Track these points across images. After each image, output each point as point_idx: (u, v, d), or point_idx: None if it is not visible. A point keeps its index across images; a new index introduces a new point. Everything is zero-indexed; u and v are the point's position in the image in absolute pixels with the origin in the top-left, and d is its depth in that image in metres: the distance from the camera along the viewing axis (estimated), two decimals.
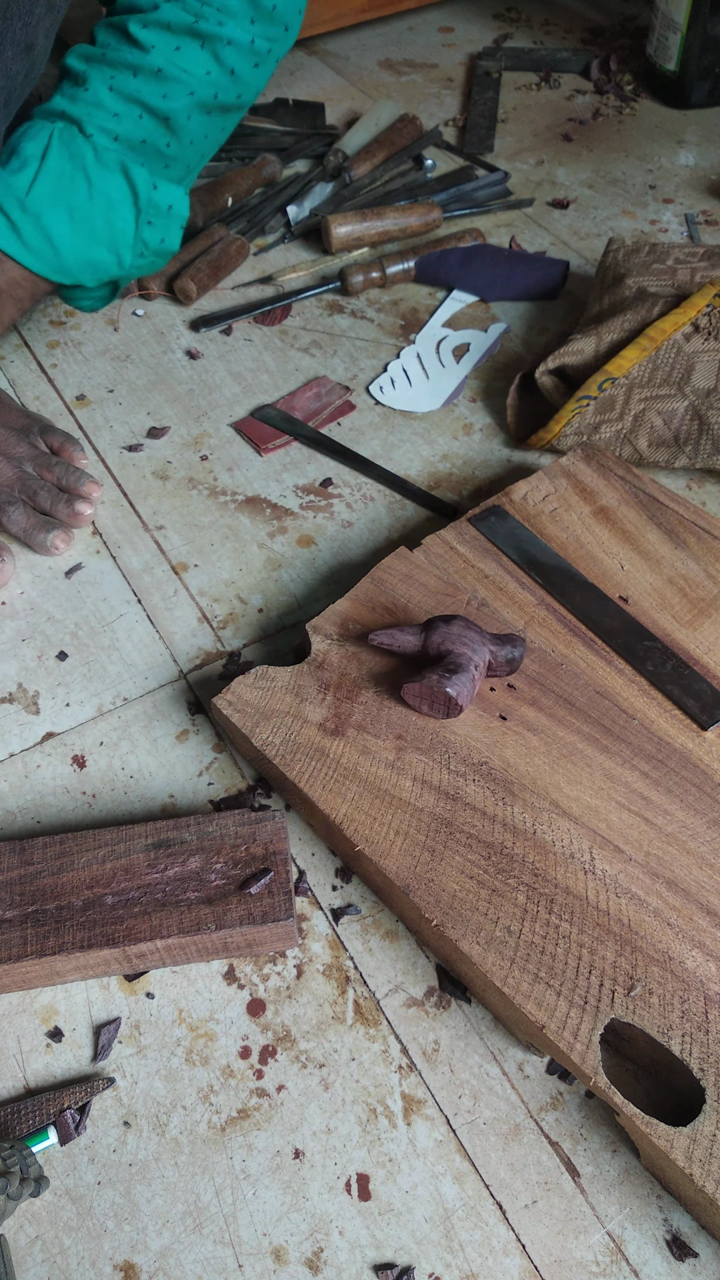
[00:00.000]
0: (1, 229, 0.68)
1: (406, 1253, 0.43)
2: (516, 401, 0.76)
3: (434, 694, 0.52)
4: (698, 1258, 0.42)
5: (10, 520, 0.68)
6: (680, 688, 0.55)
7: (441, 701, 0.52)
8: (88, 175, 0.69)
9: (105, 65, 0.70)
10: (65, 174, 0.68)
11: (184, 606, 0.66)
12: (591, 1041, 0.43)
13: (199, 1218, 0.43)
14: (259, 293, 0.90)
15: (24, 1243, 0.43)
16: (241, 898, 0.48)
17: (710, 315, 0.71)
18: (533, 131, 1.10)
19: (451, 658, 0.53)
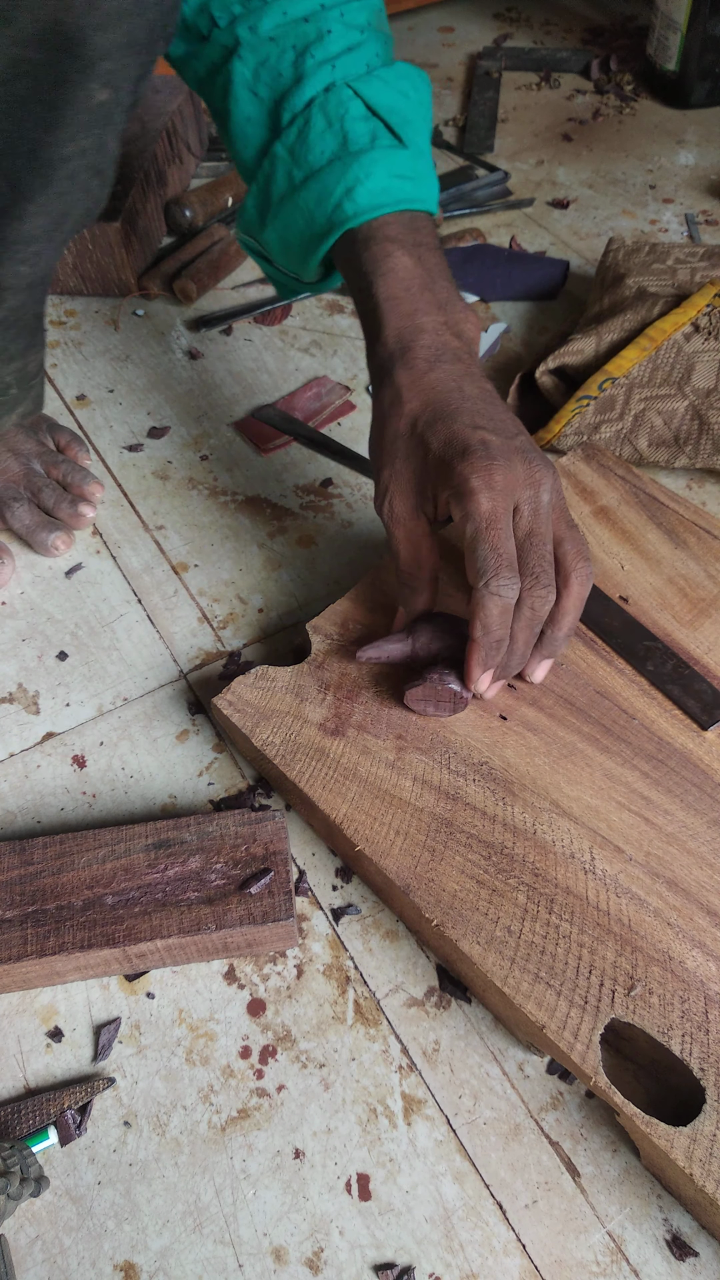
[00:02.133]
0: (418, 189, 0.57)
1: (406, 1253, 0.43)
2: (516, 401, 0.76)
3: (438, 693, 0.52)
4: (698, 1257, 0.42)
5: (14, 518, 0.68)
6: (680, 688, 0.55)
7: (447, 699, 0.52)
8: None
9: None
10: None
11: (184, 606, 0.66)
12: (591, 1041, 0.43)
13: (199, 1218, 0.43)
14: (259, 293, 0.90)
15: (24, 1243, 0.43)
16: (241, 898, 0.48)
17: (710, 315, 0.71)
18: (533, 131, 1.10)
19: (446, 655, 0.53)
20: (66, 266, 0.86)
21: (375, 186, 0.54)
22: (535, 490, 0.48)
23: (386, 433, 0.51)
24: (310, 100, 0.55)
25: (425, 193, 0.56)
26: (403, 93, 0.57)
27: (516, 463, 0.48)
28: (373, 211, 0.54)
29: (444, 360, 0.52)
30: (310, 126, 0.55)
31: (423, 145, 0.57)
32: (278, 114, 0.56)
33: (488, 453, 0.47)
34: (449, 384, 0.51)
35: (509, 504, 0.48)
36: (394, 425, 0.51)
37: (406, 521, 0.52)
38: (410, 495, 0.51)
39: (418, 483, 0.51)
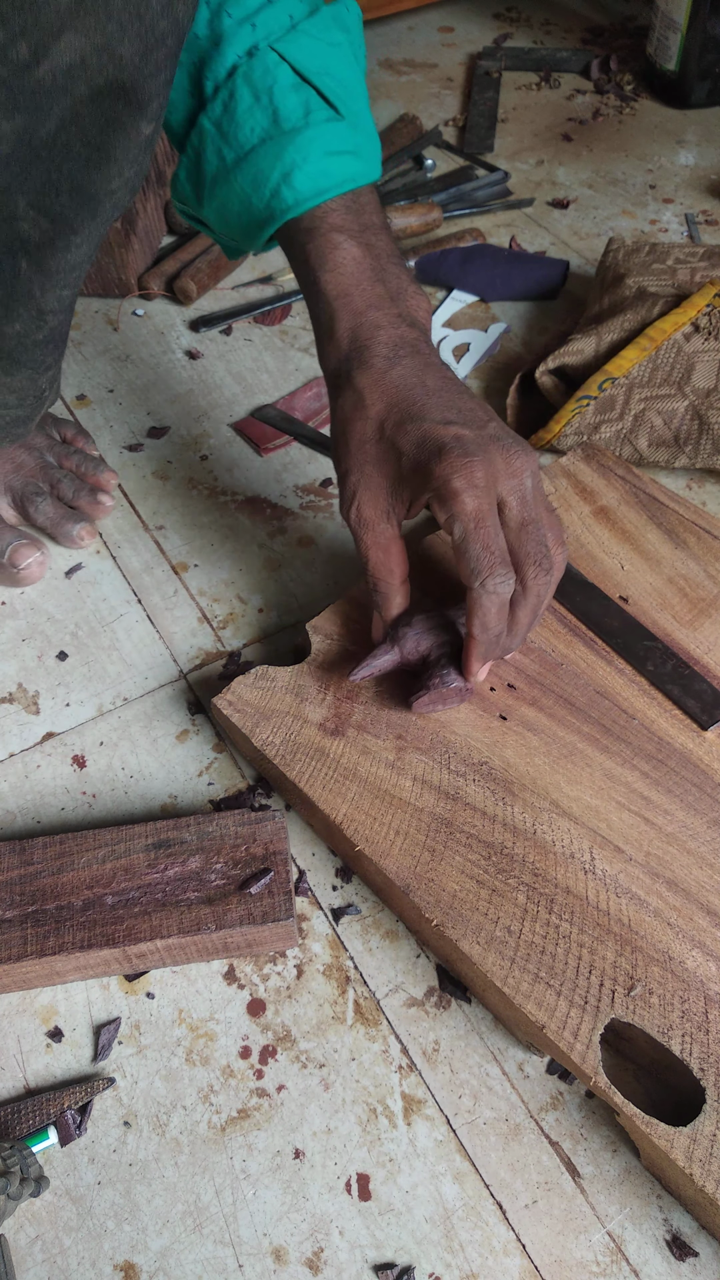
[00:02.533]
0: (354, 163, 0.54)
1: (406, 1253, 0.43)
2: (516, 401, 0.76)
3: (444, 695, 0.52)
4: (698, 1257, 0.42)
5: (39, 512, 0.68)
6: (680, 688, 0.55)
7: (454, 696, 0.53)
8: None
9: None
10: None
11: (184, 606, 0.66)
12: (591, 1041, 0.43)
13: (199, 1218, 0.43)
14: (259, 293, 0.90)
15: (24, 1243, 0.43)
16: (241, 898, 0.48)
17: (710, 315, 0.71)
18: (533, 131, 1.10)
19: (435, 653, 0.53)
20: None
21: (314, 170, 0.51)
22: (518, 480, 0.48)
23: (351, 438, 0.50)
24: (233, 69, 0.51)
25: (367, 164, 0.53)
26: (332, 44, 0.53)
27: (494, 454, 0.47)
28: (314, 199, 0.51)
29: (402, 355, 0.50)
30: (237, 101, 0.51)
31: (360, 108, 0.54)
32: (200, 81, 0.52)
33: (464, 449, 0.46)
34: (411, 380, 0.50)
35: (493, 499, 0.47)
36: (358, 429, 0.50)
37: (376, 526, 0.50)
38: (380, 499, 0.50)
39: (389, 487, 0.50)
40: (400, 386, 0.49)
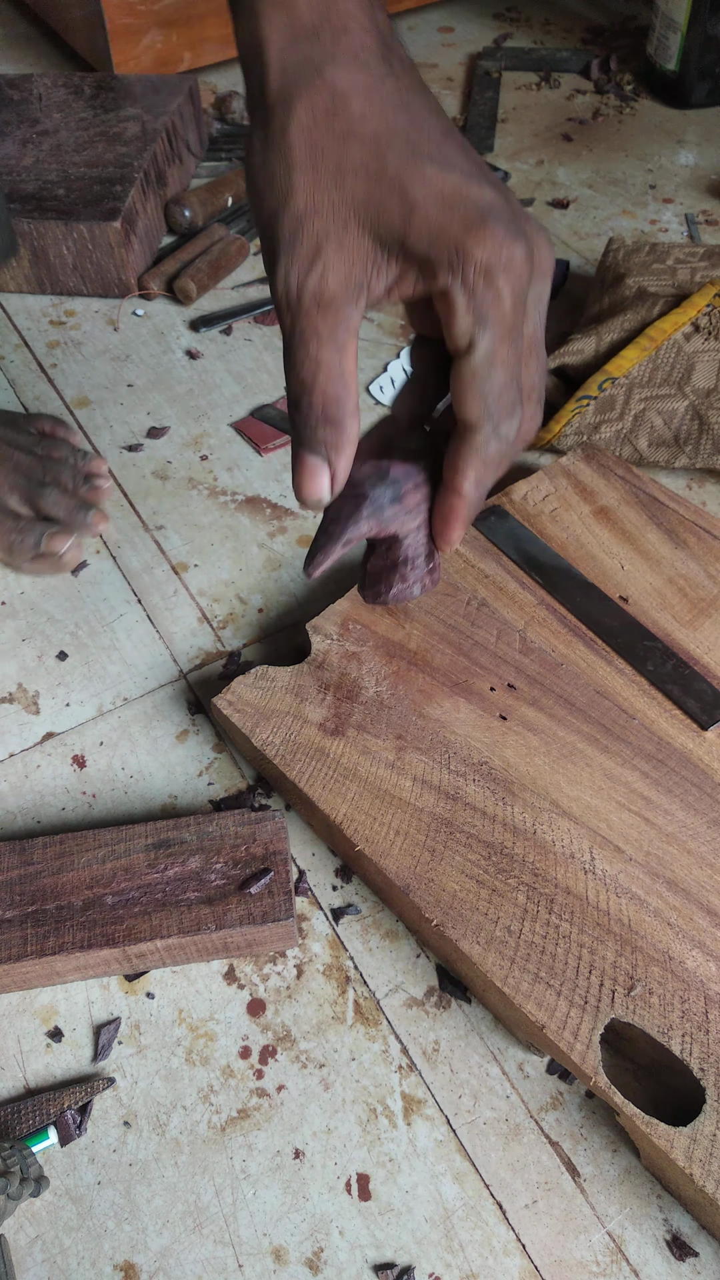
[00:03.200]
0: None
1: (406, 1253, 0.43)
2: None
3: (419, 579, 0.42)
4: (698, 1257, 0.42)
5: (53, 504, 0.67)
6: (680, 688, 0.55)
7: (428, 579, 0.42)
8: None
9: None
10: None
11: (184, 606, 0.66)
12: (591, 1041, 0.43)
13: (199, 1218, 0.43)
14: (259, 293, 0.89)
15: (24, 1243, 0.43)
16: (241, 898, 0.48)
17: (710, 315, 0.71)
18: (533, 131, 1.10)
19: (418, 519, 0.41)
20: (67, 266, 0.86)
21: None
22: (546, 282, 0.36)
23: (321, 161, 0.33)
24: None
25: None
26: None
27: (536, 241, 0.35)
28: None
29: (401, 62, 0.35)
30: None
31: None
32: None
33: (510, 225, 0.33)
34: (418, 104, 0.35)
35: (525, 303, 0.35)
36: (334, 151, 0.33)
37: (338, 307, 0.34)
38: (355, 265, 0.33)
39: (372, 249, 0.34)
40: (406, 106, 0.34)
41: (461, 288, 0.33)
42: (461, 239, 0.33)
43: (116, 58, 1.08)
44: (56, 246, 0.84)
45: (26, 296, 0.89)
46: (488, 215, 0.33)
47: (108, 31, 1.06)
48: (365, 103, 0.33)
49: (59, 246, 0.84)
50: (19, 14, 1.30)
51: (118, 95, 0.95)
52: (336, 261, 0.34)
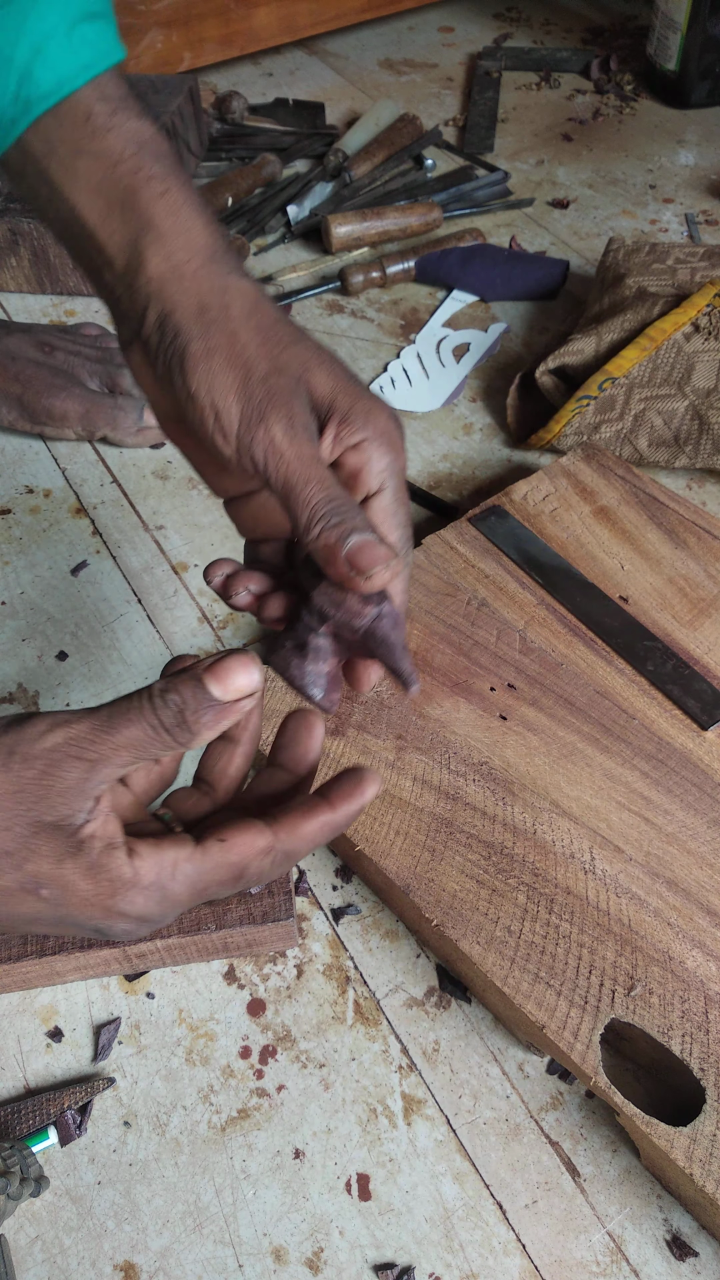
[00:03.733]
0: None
1: (406, 1253, 0.43)
2: (516, 401, 0.76)
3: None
4: (698, 1257, 0.42)
5: (128, 381, 0.73)
6: (680, 688, 0.55)
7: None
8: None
9: None
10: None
11: (184, 606, 0.66)
12: (591, 1041, 0.43)
13: (199, 1218, 0.43)
14: None
15: (24, 1243, 0.43)
16: (241, 898, 0.48)
17: (710, 315, 0.71)
18: (533, 131, 1.10)
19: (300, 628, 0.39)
20: (67, 266, 0.86)
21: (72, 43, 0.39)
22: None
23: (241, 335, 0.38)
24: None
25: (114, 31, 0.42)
26: None
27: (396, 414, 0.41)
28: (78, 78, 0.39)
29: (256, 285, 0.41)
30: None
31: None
32: None
33: (388, 405, 0.40)
34: (281, 318, 0.40)
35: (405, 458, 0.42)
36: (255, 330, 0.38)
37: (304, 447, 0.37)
38: (297, 417, 0.37)
39: (305, 409, 0.38)
40: (281, 318, 0.40)
41: (375, 440, 0.39)
42: (368, 405, 0.39)
43: None
44: (57, 246, 0.84)
45: (27, 296, 0.89)
46: (374, 399, 0.39)
47: None
48: (263, 304, 0.39)
49: (59, 246, 0.84)
50: None
51: None
52: (284, 419, 0.37)
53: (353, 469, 0.39)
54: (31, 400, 0.73)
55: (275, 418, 0.36)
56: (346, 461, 0.39)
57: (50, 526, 0.71)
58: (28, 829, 0.32)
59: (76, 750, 0.33)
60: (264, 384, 0.37)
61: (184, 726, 0.33)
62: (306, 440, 0.37)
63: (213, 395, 0.37)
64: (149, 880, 0.33)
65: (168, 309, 0.38)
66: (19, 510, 0.72)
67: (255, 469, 0.37)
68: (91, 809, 0.33)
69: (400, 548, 0.40)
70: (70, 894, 0.33)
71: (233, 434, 0.37)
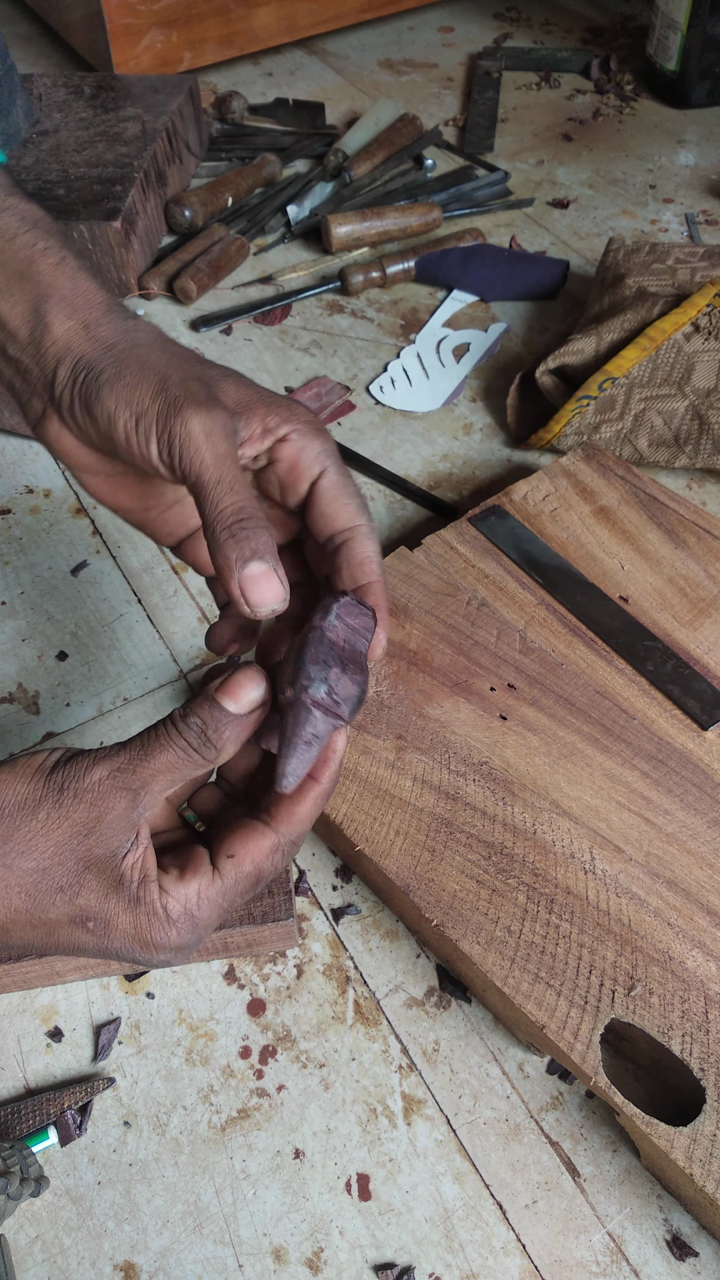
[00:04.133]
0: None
1: (406, 1253, 0.43)
2: (516, 401, 0.76)
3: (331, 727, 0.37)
4: (698, 1257, 0.42)
5: None
6: (680, 688, 0.55)
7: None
8: None
9: None
10: None
11: (184, 606, 0.66)
12: (591, 1041, 0.43)
13: (199, 1218, 0.43)
14: (259, 292, 0.90)
15: (24, 1243, 0.43)
16: None
17: (710, 315, 0.71)
18: (533, 131, 1.10)
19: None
20: None
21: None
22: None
23: (151, 358, 0.39)
24: None
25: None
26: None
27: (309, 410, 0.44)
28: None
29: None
30: None
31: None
32: None
33: (298, 405, 0.42)
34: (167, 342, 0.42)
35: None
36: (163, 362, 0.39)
37: (220, 444, 0.37)
38: (217, 418, 0.37)
39: (221, 408, 0.38)
40: (186, 349, 0.41)
41: (301, 430, 0.40)
42: (285, 403, 0.40)
43: (116, 58, 1.08)
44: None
45: None
46: (288, 399, 0.41)
47: (108, 31, 1.06)
48: (165, 344, 0.40)
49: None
50: (19, 14, 1.30)
51: (118, 95, 0.95)
52: (196, 414, 0.37)
53: (289, 459, 0.40)
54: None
55: (192, 413, 0.37)
56: (281, 454, 0.40)
57: (50, 526, 0.71)
58: (79, 864, 0.34)
59: (121, 781, 0.35)
60: (180, 386, 0.38)
61: (209, 744, 0.35)
62: (223, 438, 0.37)
63: (131, 405, 0.38)
64: (177, 913, 0.35)
65: (77, 356, 0.40)
66: (19, 510, 0.72)
67: (172, 466, 0.37)
68: (133, 840, 0.35)
69: (360, 516, 0.40)
70: (112, 928, 0.35)
71: (151, 435, 0.37)
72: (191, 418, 0.36)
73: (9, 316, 0.41)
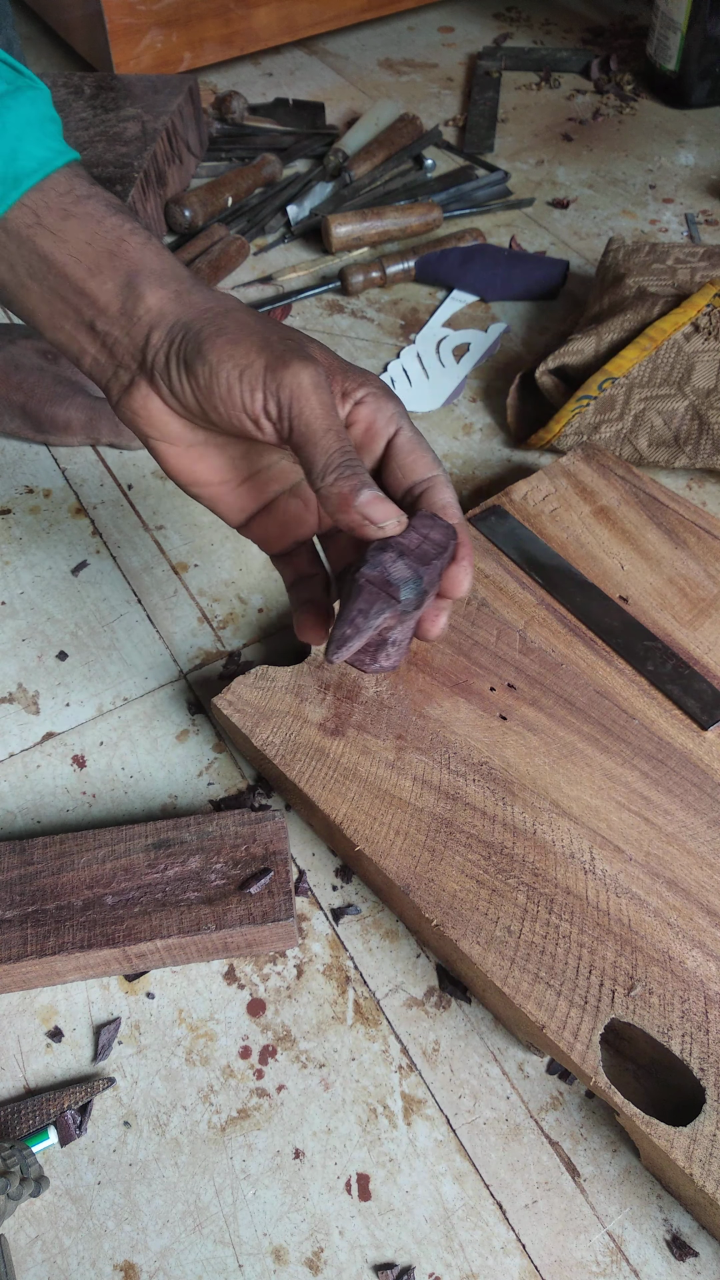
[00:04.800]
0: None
1: (406, 1253, 0.43)
2: (516, 401, 0.76)
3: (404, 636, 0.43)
4: (698, 1257, 0.42)
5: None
6: (680, 688, 0.55)
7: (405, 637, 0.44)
8: None
9: None
10: None
11: (184, 606, 0.66)
12: (591, 1041, 0.43)
13: (199, 1218, 0.43)
14: (259, 293, 0.90)
15: (24, 1243, 0.43)
16: (241, 898, 0.48)
17: (710, 315, 0.71)
18: (533, 131, 1.10)
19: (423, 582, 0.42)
20: None
21: (39, 134, 0.44)
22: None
23: (247, 320, 0.42)
24: None
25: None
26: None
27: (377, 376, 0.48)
28: (49, 166, 0.43)
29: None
30: None
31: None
32: None
33: (371, 375, 0.46)
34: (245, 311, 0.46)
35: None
36: (252, 320, 0.42)
37: (325, 395, 0.40)
38: (320, 373, 0.41)
39: (319, 366, 0.42)
40: (272, 318, 0.45)
41: (376, 394, 0.44)
42: (361, 371, 0.44)
43: (116, 58, 1.08)
44: None
45: None
46: (362, 370, 0.44)
47: (108, 31, 1.06)
48: (249, 314, 0.43)
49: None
50: (19, 14, 1.30)
51: (118, 95, 0.95)
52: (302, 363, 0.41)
53: (366, 420, 0.43)
54: (35, 409, 0.73)
55: (300, 366, 0.40)
56: (358, 416, 0.44)
57: (50, 526, 0.71)
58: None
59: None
60: (283, 343, 0.41)
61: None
62: (327, 391, 0.40)
63: (235, 358, 0.40)
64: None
65: (174, 320, 0.42)
66: (19, 510, 0.72)
67: (279, 416, 0.40)
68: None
69: (436, 467, 0.44)
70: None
71: (258, 386, 0.40)
72: (301, 370, 0.40)
73: (99, 293, 0.43)
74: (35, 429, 0.74)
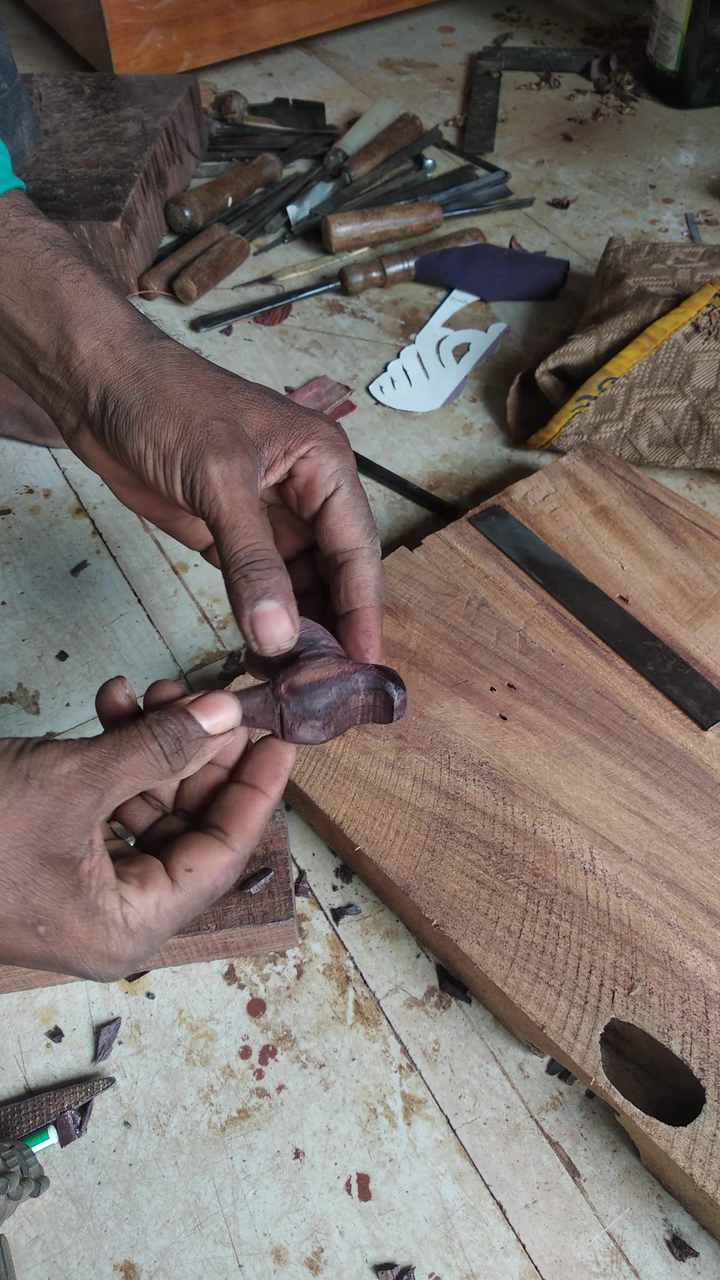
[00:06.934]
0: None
1: (406, 1253, 0.43)
2: (516, 401, 0.76)
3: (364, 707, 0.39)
4: (698, 1257, 0.42)
5: None
6: (680, 688, 0.55)
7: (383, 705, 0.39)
8: None
9: None
10: None
11: (184, 606, 0.66)
12: (591, 1041, 0.43)
13: (199, 1218, 0.43)
14: (259, 293, 0.90)
15: (24, 1243, 0.43)
16: (241, 898, 0.48)
17: (710, 315, 0.71)
18: (533, 131, 1.10)
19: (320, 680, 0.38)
20: None
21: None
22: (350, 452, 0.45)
23: (177, 389, 0.40)
24: None
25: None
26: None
27: (335, 425, 0.44)
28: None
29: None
30: None
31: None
32: None
33: (325, 419, 0.42)
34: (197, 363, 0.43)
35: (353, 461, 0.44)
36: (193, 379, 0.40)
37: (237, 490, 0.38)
38: (238, 462, 0.38)
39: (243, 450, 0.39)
40: (210, 367, 0.42)
41: (321, 447, 0.40)
42: (309, 419, 0.41)
43: (116, 58, 1.08)
44: None
45: None
46: (313, 414, 0.41)
47: (108, 31, 1.06)
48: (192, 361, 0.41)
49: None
50: (19, 14, 1.30)
51: (118, 95, 0.95)
52: (219, 450, 0.39)
53: (307, 476, 0.41)
54: (36, 414, 0.73)
55: (212, 458, 0.38)
56: (300, 471, 0.41)
57: (50, 526, 0.71)
58: (36, 860, 0.32)
59: (89, 778, 0.33)
60: (203, 428, 0.39)
61: (180, 753, 0.35)
62: (241, 484, 0.38)
63: (158, 445, 0.39)
64: (136, 924, 0.34)
65: (106, 383, 0.41)
66: (19, 510, 0.72)
67: (194, 508, 0.39)
68: (90, 844, 0.34)
69: (364, 539, 0.41)
70: (65, 935, 0.33)
71: (177, 477, 0.39)
72: (211, 464, 0.38)
73: (36, 336, 0.42)
74: (35, 432, 0.74)
